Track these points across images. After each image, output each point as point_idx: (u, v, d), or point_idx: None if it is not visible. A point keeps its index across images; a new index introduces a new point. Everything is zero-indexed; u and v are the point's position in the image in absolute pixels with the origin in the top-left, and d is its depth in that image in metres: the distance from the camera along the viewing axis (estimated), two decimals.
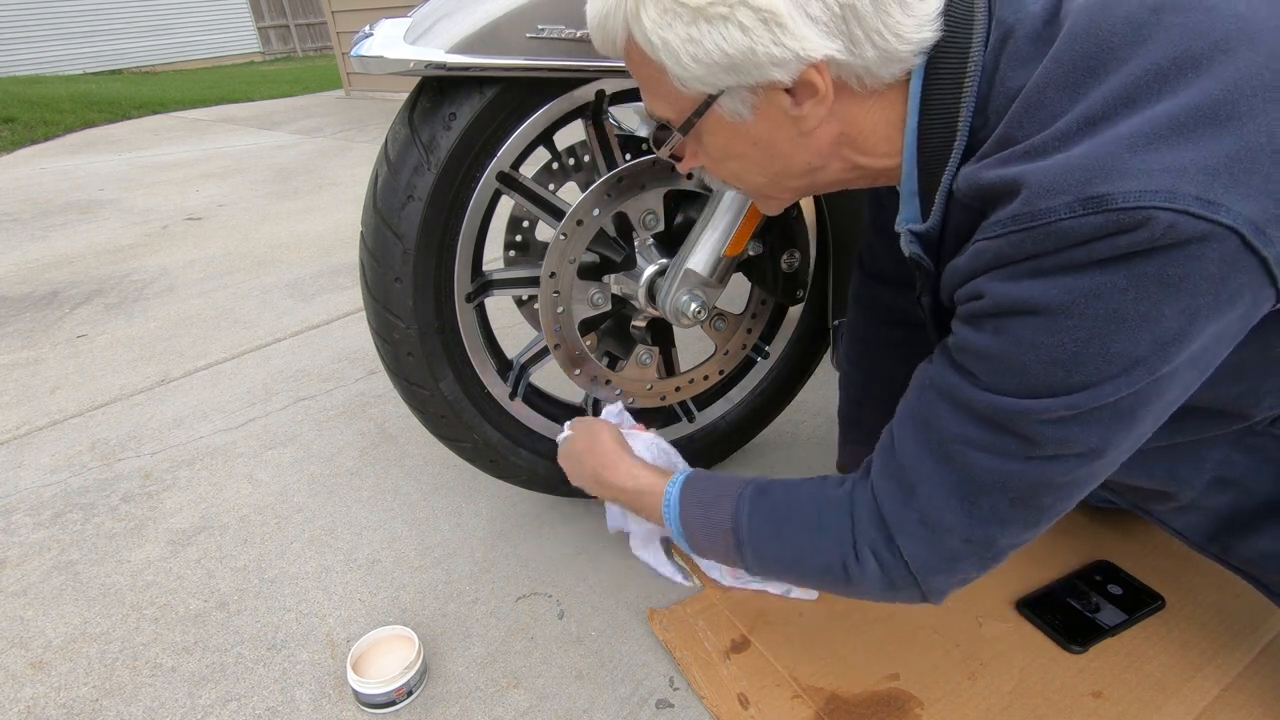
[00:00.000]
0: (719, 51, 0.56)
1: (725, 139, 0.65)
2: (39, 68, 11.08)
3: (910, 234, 0.64)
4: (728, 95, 0.60)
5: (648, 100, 0.68)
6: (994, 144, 0.55)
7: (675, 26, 0.56)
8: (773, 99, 0.59)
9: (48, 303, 2.36)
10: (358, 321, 2.06)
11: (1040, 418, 0.55)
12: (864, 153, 0.64)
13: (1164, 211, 0.45)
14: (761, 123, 0.62)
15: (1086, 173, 0.47)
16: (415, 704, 0.92)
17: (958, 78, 0.58)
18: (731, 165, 0.68)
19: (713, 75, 0.58)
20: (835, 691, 0.87)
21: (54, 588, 1.16)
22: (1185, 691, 0.84)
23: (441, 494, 1.31)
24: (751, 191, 0.74)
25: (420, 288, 0.93)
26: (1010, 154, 0.53)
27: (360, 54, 0.82)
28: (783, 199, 0.74)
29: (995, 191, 0.53)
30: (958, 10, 0.58)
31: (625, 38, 0.61)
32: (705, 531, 0.80)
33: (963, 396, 0.59)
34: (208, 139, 5.22)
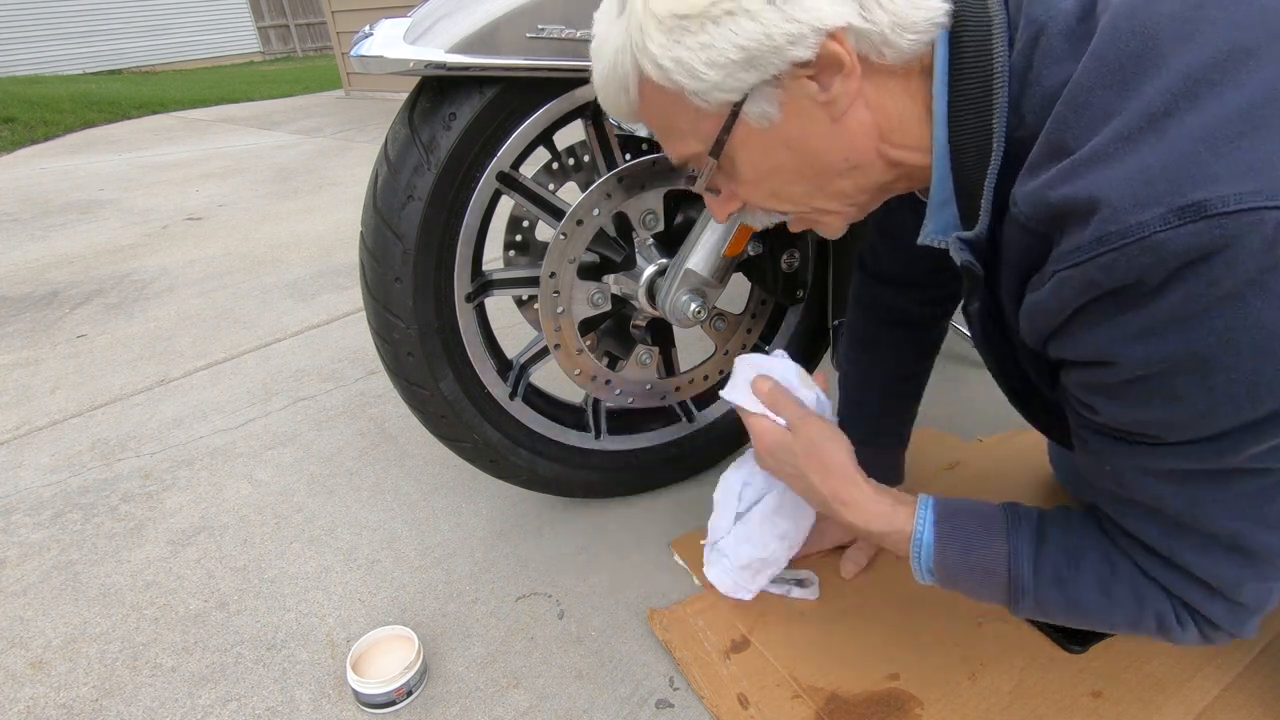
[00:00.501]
0: (734, 48, 0.55)
1: (759, 152, 0.62)
2: (39, 68, 11.08)
3: (960, 242, 0.61)
4: (752, 98, 0.58)
5: (673, 145, 0.65)
6: (1045, 150, 0.52)
7: (685, 39, 0.56)
8: (799, 89, 0.57)
9: (48, 303, 2.36)
10: (358, 321, 2.06)
11: (1249, 452, 0.51)
12: (897, 145, 0.62)
13: (1269, 210, 0.42)
14: (792, 119, 0.59)
15: (1172, 180, 0.44)
16: (415, 704, 0.92)
17: (985, 74, 0.56)
18: (770, 184, 0.65)
19: (733, 78, 0.56)
20: (835, 691, 0.87)
21: (54, 588, 1.16)
22: (1185, 691, 0.84)
23: (441, 494, 1.31)
24: (800, 211, 0.68)
25: (420, 288, 0.93)
26: (1071, 165, 0.49)
27: (360, 54, 0.82)
28: (836, 209, 0.67)
29: (1066, 212, 0.49)
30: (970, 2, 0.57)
31: (637, 80, 0.60)
32: (969, 576, 0.73)
33: (1163, 464, 0.55)
34: (208, 139, 5.22)
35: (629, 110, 0.64)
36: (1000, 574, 0.70)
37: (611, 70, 0.61)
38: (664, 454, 1.23)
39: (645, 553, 1.13)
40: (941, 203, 0.63)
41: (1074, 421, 0.62)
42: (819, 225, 0.71)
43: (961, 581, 0.73)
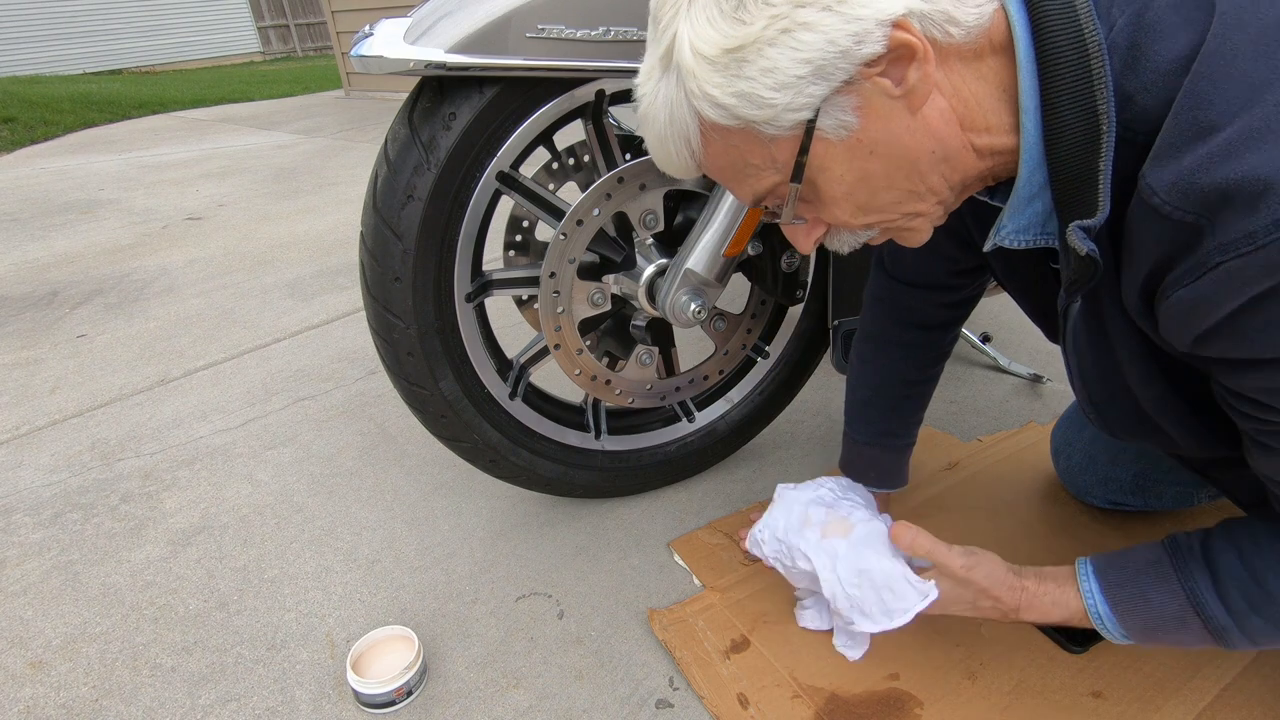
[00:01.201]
0: (799, 63, 0.52)
1: (842, 165, 0.58)
2: (39, 68, 11.08)
3: (1081, 230, 0.55)
4: (825, 111, 0.55)
5: (748, 184, 0.61)
6: (1181, 130, 0.48)
7: (744, 71, 0.53)
8: (872, 89, 0.54)
9: (48, 303, 2.36)
10: (358, 321, 2.06)
11: None
12: (982, 130, 0.58)
13: None
14: (870, 121, 0.56)
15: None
16: (415, 704, 0.92)
17: (1078, 52, 0.52)
18: (859, 196, 0.60)
19: (802, 95, 0.53)
20: (835, 691, 0.87)
21: (54, 588, 1.16)
22: (1185, 691, 0.84)
23: (441, 494, 1.31)
24: (890, 219, 0.63)
25: (420, 288, 0.93)
26: (1226, 144, 0.45)
27: (360, 54, 0.82)
28: (925, 211, 0.63)
29: (1228, 196, 0.45)
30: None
31: (699, 129, 0.57)
32: (1164, 631, 0.70)
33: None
34: (208, 139, 5.22)
35: (693, 165, 0.61)
36: (1193, 621, 0.67)
37: (668, 128, 0.58)
38: (664, 454, 1.23)
39: (645, 553, 1.13)
40: (1029, 197, 0.60)
41: (1250, 426, 0.58)
42: (906, 233, 0.66)
43: (1159, 636, 0.70)
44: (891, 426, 1.06)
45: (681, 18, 0.54)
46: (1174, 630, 0.69)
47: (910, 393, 1.05)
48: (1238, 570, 0.64)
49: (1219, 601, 0.65)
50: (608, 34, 0.85)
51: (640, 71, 0.60)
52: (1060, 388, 1.48)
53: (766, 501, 1.20)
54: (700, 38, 0.53)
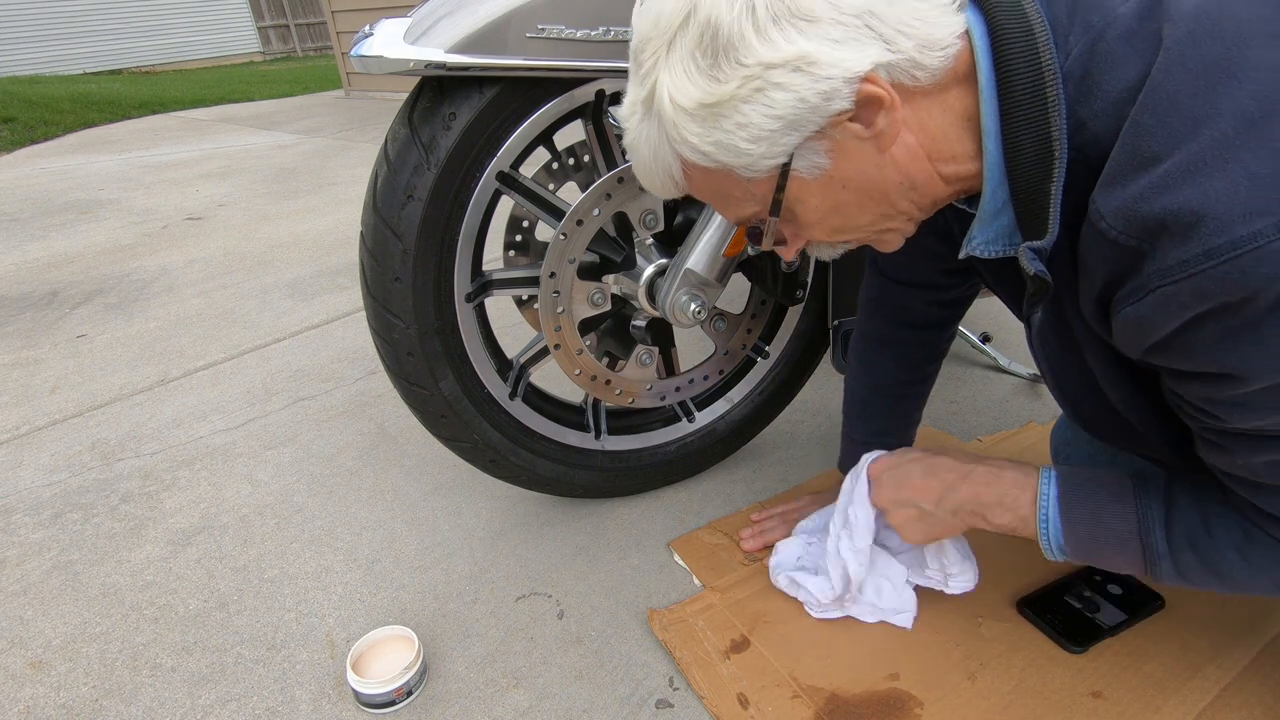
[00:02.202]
0: (771, 119, 0.55)
1: (817, 198, 0.62)
2: (39, 68, 11.07)
3: (1031, 252, 0.60)
4: (799, 155, 0.58)
5: (730, 210, 0.66)
6: (1127, 159, 0.51)
7: (720, 124, 0.56)
8: (843, 134, 0.57)
9: (48, 303, 2.36)
10: (358, 321, 2.06)
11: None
12: (947, 159, 0.61)
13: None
14: (842, 161, 0.59)
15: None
16: (415, 704, 0.92)
17: (1035, 79, 0.55)
18: (833, 221, 0.65)
19: (776, 145, 0.57)
20: (835, 691, 0.87)
21: (54, 588, 1.16)
22: (1185, 691, 0.84)
23: (441, 494, 1.31)
24: (867, 238, 0.69)
25: (420, 288, 0.93)
26: (1165, 176, 0.48)
27: (360, 54, 0.82)
28: (899, 229, 0.68)
29: (1164, 226, 0.48)
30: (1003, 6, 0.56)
31: (680, 166, 0.61)
32: (1100, 543, 0.73)
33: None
34: (208, 139, 5.22)
35: (677, 192, 0.65)
36: (1134, 545, 0.70)
37: (653, 162, 0.62)
38: (664, 454, 1.23)
39: (645, 553, 1.13)
40: (994, 212, 0.63)
41: (1196, 425, 0.61)
42: (880, 242, 0.70)
43: (1095, 554, 0.73)
44: (889, 426, 1.06)
45: (661, 67, 0.57)
46: (1112, 551, 0.72)
47: (907, 392, 1.05)
48: (1190, 512, 0.68)
49: (1164, 531, 0.69)
50: (608, 34, 0.85)
51: (624, 103, 0.63)
52: None
53: (767, 501, 1.21)
54: (679, 90, 0.56)
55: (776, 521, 1.11)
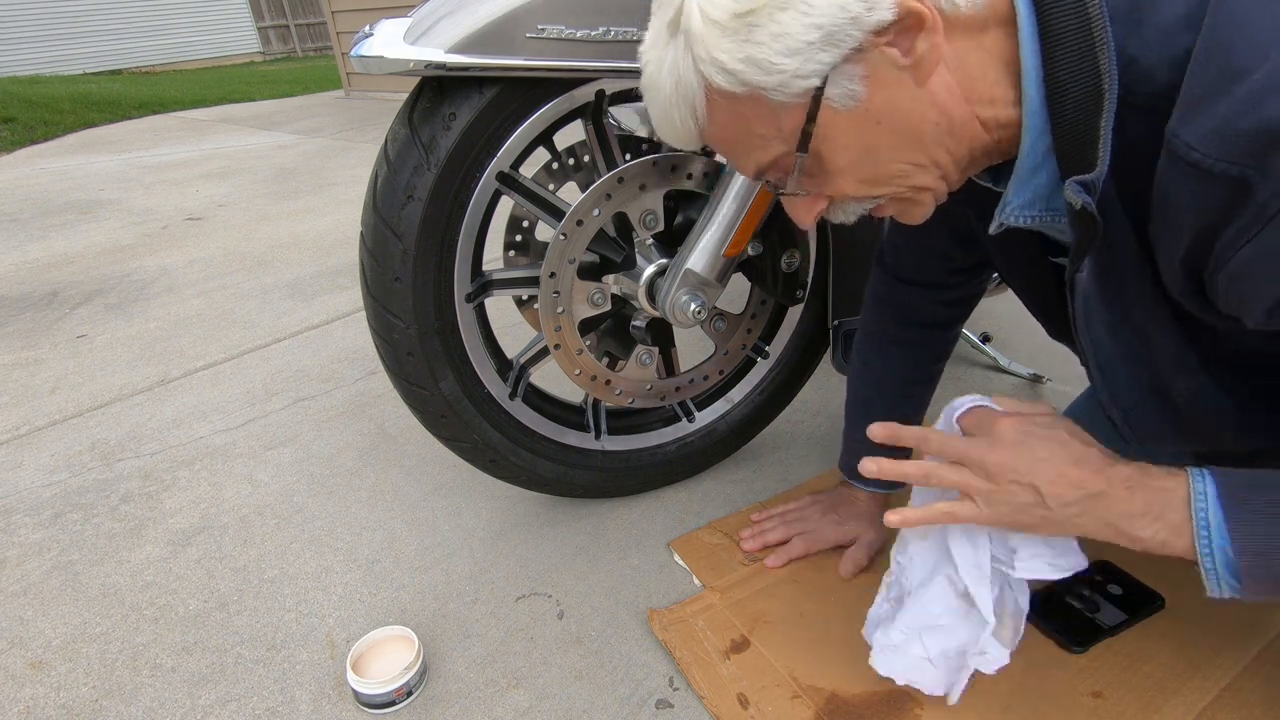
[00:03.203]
0: (809, 29, 0.52)
1: (849, 134, 0.58)
2: (39, 68, 11.07)
3: (1078, 185, 0.54)
4: (833, 80, 0.55)
5: (751, 155, 0.61)
6: (1207, 81, 0.46)
7: (755, 35, 0.53)
8: (880, 59, 0.54)
9: (48, 303, 2.36)
10: (358, 321, 2.06)
11: None
12: (984, 101, 0.58)
13: None
14: (877, 91, 0.56)
15: None
16: (415, 704, 0.92)
17: (1079, 11, 0.52)
18: (865, 167, 0.61)
19: (812, 61, 0.53)
20: (835, 691, 0.87)
21: (54, 588, 1.16)
22: (1185, 691, 0.84)
23: (441, 494, 1.31)
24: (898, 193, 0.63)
25: (420, 288, 0.93)
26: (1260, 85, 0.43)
27: (360, 54, 0.82)
28: (930, 184, 0.62)
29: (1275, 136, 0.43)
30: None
31: (705, 95, 0.57)
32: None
33: None
34: (208, 139, 5.22)
35: (696, 135, 0.61)
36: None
37: (674, 94, 0.58)
38: (664, 454, 1.23)
39: (645, 553, 1.13)
40: (1033, 168, 0.59)
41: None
42: (909, 205, 0.65)
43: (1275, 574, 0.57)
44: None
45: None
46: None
47: (910, 392, 1.05)
48: None
49: None
50: (608, 34, 0.85)
51: (644, 40, 0.60)
52: (1061, 388, 1.48)
53: (767, 501, 1.21)
54: (711, 2, 0.53)
55: (776, 522, 1.11)
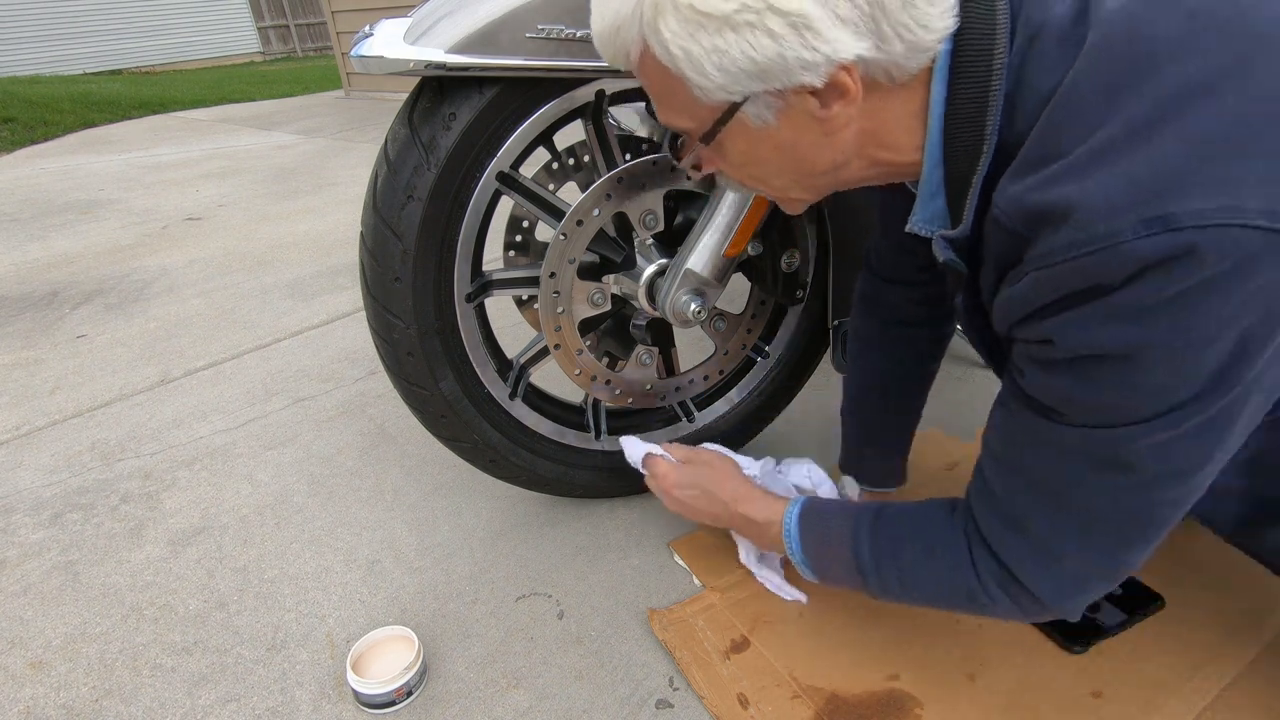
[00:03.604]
0: (746, 59, 0.54)
1: (748, 145, 0.63)
2: (39, 68, 11.07)
3: (943, 241, 0.63)
4: (752, 102, 0.58)
5: (664, 112, 0.65)
6: (1032, 155, 0.53)
7: (699, 37, 0.54)
8: (799, 103, 0.58)
9: (48, 303, 2.36)
10: (358, 321, 2.06)
11: (1140, 443, 0.54)
12: (887, 148, 0.63)
13: (1231, 228, 0.44)
14: (786, 127, 0.60)
15: (1146, 191, 0.46)
16: (415, 704, 0.92)
17: (984, 76, 0.56)
18: (753, 169, 0.67)
19: (737, 83, 0.56)
20: (835, 691, 0.87)
21: (54, 588, 1.16)
22: (1185, 691, 0.84)
23: (441, 494, 1.31)
24: (773, 193, 0.72)
25: (420, 288, 0.93)
26: (1054, 172, 0.50)
27: (360, 54, 0.82)
28: (805, 199, 0.72)
29: (1044, 215, 0.51)
30: (977, 2, 0.56)
31: (640, 50, 0.59)
32: (827, 560, 0.82)
33: (1053, 436, 0.59)
34: (208, 139, 5.22)
35: (626, 66, 0.63)
36: (848, 555, 0.77)
37: (614, 32, 0.60)
38: None
39: (645, 553, 1.13)
40: (930, 194, 0.64)
41: (1005, 382, 0.65)
42: (784, 203, 0.74)
43: (826, 568, 0.82)
44: (885, 426, 1.07)
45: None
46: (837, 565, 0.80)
47: (904, 390, 1.05)
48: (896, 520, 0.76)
49: (870, 543, 0.76)
50: None
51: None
52: None
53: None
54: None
55: None
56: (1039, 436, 0.60)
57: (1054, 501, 0.61)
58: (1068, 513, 0.61)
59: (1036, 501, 0.63)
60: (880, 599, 0.79)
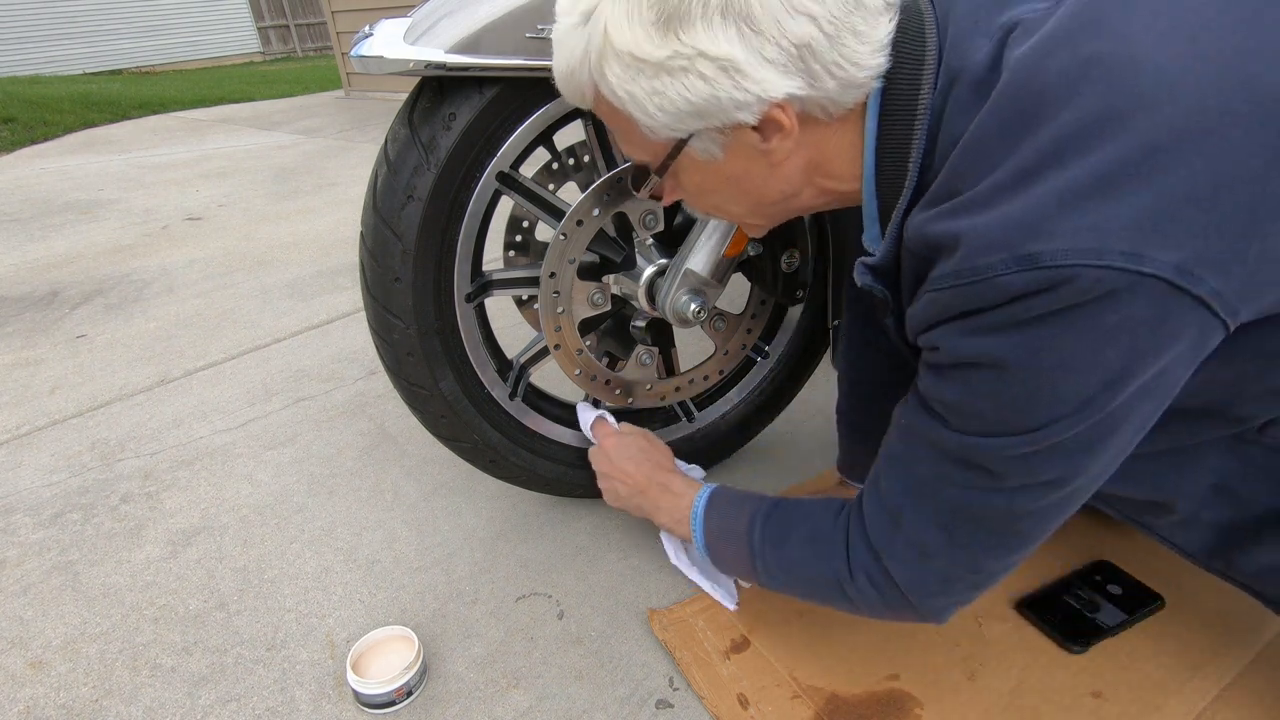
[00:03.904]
0: (683, 100, 0.58)
1: (700, 177, 0.68)
2: (39, 68, 11.07)
3: (862, 266, 0.68)
4: (698, 138, 0.62)
5: (623, 146, 0.70)
6: (939, 191, 0.58)
7: (639, 80, 0.58)
8: (741, 137, 0.62)
9: (48, 303, 2.36)
10: (358, 321, 2.06)
11: (1004, 454, 0.59)
12: (831, 177, 0.67)
13: (1090, 269, 0.48)
14: (733, 160, 0.65)
15: (1019, 231, 0.50)
16: (415, 704, 0.92)
17: (909, 116, 0.60)
18: (709, 199, 0.72)
19: (680, 122, 0.60)
20: (835, 691, 0.87)
21: (54, 588, 1.16)
22: (1185, 691, 0.84)
23: (441, 494, 1.31)
24: (733, 219, 0.78)
25: (420, 288, 0.93)
26: (952, 206, 0.55)
27: (360, 54, 0.82)
28: (764, 224, 0.77)
29: (939, 244, 0.56)
30: (908, 44, 0.60)
31: (593, 92, 0.63)
32: (724, 541, 0.87)
33: (934, 437, 0.63)
34: (208, 139, 5.22)
35: (586, 106, 0.67)
36: (742, 540, 0.83)
37: (569, 75, 0.64)
38: None
39: (645, 553, 1.13)
40: (871, 217, 0.69)
41: (912, 386, 0.69)
42: (745, 229, 0.82)
43: (721, 550, 0.88)
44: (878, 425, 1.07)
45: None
46: (731, 550, 0.87)
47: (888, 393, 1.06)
48: (788, 511, 0.82)
49: (762, 530, 0.82)
50: None
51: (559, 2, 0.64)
52: None
53: None
54: (616, 27, 0.58)
55: None
56: (925, 437, 0.64)
57: (928, 500, 0.66)
58: (937, 511, 0.65)
59: (913, 497, 0.67)
60: (767, 587, 0.84)
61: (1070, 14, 0.53)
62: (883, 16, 0.58)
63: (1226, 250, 0.48)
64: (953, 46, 0.59)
